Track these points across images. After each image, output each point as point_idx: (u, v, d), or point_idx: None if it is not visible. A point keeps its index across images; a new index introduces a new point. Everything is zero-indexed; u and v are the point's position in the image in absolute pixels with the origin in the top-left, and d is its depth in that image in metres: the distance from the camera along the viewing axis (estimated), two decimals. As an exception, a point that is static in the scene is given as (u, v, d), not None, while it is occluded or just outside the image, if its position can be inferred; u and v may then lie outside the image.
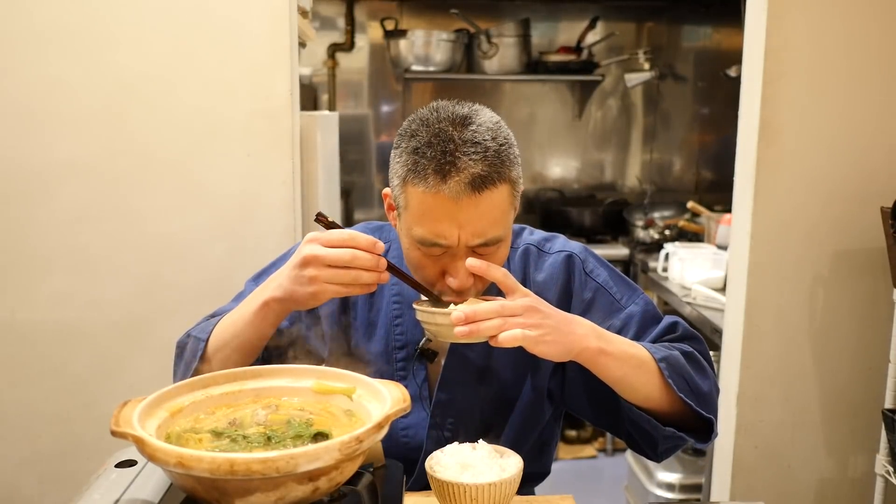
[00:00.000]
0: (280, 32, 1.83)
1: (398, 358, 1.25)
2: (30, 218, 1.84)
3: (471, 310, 0.99)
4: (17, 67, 1.79)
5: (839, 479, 2.09)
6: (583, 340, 1.05)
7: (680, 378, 1.12)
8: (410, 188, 1.08)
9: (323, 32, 3.80)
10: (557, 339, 1.02)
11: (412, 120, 1.12)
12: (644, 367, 1.11)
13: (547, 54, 3.83)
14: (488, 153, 1.06)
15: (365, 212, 4.01)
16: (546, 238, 1.30)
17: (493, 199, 1.07)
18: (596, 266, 1.27)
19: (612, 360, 1.07)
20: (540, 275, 1.26)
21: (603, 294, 1.25)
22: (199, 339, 1.15)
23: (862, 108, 1.94)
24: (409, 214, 1.10)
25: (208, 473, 0.72)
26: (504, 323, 0.99)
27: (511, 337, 0.99)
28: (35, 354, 1.88)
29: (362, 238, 1.03)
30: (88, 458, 1.87)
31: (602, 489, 2.94)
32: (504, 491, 1.01)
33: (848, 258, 1.99)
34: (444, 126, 1.08)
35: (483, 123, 1.09)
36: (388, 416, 0.83)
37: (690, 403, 1.12)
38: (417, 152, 1.07)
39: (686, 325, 1.25)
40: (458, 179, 1.05)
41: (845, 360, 2.04)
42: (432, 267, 1.12)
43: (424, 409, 1.24)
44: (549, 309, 1.04)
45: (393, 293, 1.26)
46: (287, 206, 1.89)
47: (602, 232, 3.91)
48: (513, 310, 1.01)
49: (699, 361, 1.19)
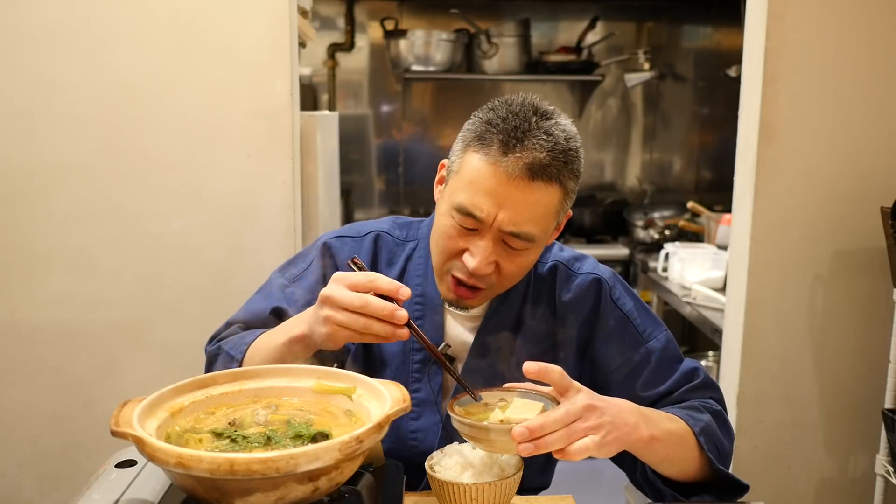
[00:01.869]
0: (280, 32, 1.83)
1: (415, 360, 1.23)
2: (30, 218, 1.84)
3: (536, 424, 0.92)
4: (17, 67, 1.79)
5: (839, 479, 2.09)
6: (636, 431, 1.01)
7: (714, 447, 1.12)
8: (471, 153, 1.08)
9: (323, 32, 3.80)
10: (617, 436, 0.98)
11: (495, 100, 1.13)
12: (683, 442, 1.09)
13: (547, 54, 3.83)
14: (557, 147, 1.06)
15: (365, 212, 4.01)
16: (576, 257, 1.28)
17: (543, 194, 1.07)
18: (623, 294, 1.25)
19: (659, 444, 1.05)
20: (567, 295, 1.24)
21: (627, 325, 1.23)
22: (232, 358, 1.13)
23: (862, 107, 1.94)
24: (458, 178, 1.10)
25: (208, 473, 0.72)
26: (570, 433, 0.93)
27: (583, 448, 0.93)
28: (35, 354, 1.88)
29: (383, 281, 0.99)
30: (88, 458, 1.88)
31: (602, 489, 2.94)
32: (504, 491, 1.01)
33: (848, 258, 1.99)
34: (526, 110, 1.08)
35: (562, 124, 1.10)
36: (388, 416, 0.82)
37: (729, 477, 1.11)
38: (490, 122, 1.08)
39: (705, 372, 1.24)
40: (519, 157, 1.04)
41: (845, 360, 2.04)
42: (458, 240, 1.10)
43: (437, 414, 1.22)
44: (602, 402, 0.99)
45: (415, 294, 1.23)
46: (287, 207, 1.88)
47: (602, 232, 3.91)
48: (576, 414, 0.95)
49: (725, 421, 1.18)
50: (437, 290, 1.22)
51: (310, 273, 1.24)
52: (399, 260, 1.26)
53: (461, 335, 1.23)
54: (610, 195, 4.08)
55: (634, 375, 1.21)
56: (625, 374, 1.21)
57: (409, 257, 1.26)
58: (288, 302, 1.21)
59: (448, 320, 1.24)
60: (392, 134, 3.99)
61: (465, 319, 1.23)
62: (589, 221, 3.92)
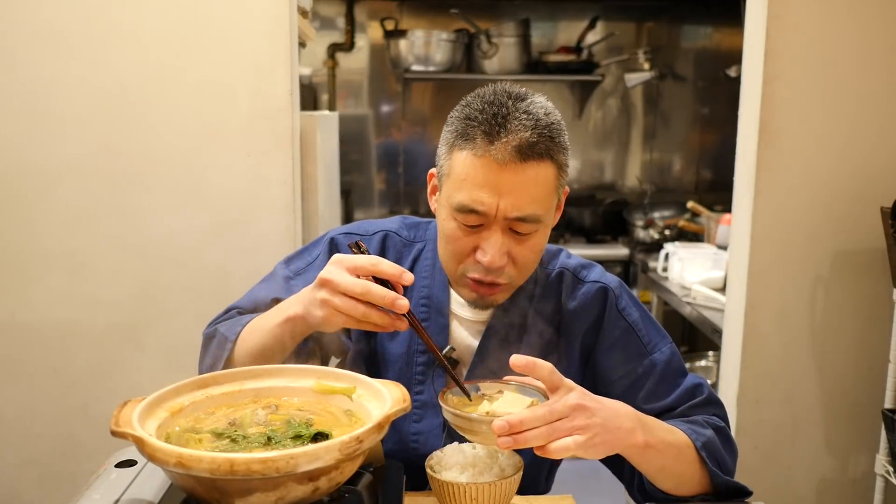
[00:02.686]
0: (280, 32, 1.83)
1: (418, 362, 1.22)
2: (30, 218, 1.84)
3: (516, 420, 0.91)
4: (17, 67, 1.79)
5: (839, 480, 2.09)
6: (629, 437, 0.99)
7: (716, 463, 1.10)
8: (457, 153, 1.08)
9: (323, 32, 3.80)
10: (606, 439, 0.95)
11: (467, 96, 1.12)
12: (683, 455, 1.08)
13: (547, 54, 3.83)
14: (540, 123, 1.06)
15: (365, 212, 4.01)
16: (583, 265, 1.27)
17: (538, 173, 1.06)
18: (629, 304, 1.24)
19: (655, 452, 1.03)
20: (572, 302, 1.23)
21: (631, 335, 1.22)
22: (226, 338, 1.13)
23: (862, 107, 1.94)
24: (452, 181, 1.09)
25: (208, 473, 0.72)
26: (552, 431, 0.92)
27: (562, 447, 0.92)
28: (34, 354, 1.88)
29: (386, 264, 0.98)
30: (88, 458, 1.88)
31: (602, 489, 2.94)
32: (504, 491, 1.00)
33: (848, 258, 1.99)
34: (500, 96, 1.08)
35: (538, 102, 1.09)
36: (388, 416, 0.82)
37: (732, 486, 1.10)
38: (469, 117, 1.07)
39: (709, 388, 1.22)
40: (505, 142, 1.04)
41: (845, 360, 2.04)
42: (465, 240, 1.09)
43: (439, 417, 1.20)
44: (594, 403, 0.96)
45: (421, 296, 1.22)
46: (287, 207, 1.88)
47: (602, 232, 3.91)
48: (560, 412, 0.93)
49: (729, 437, 1.17)
50: (444, 293, 1.21)
51: (315, 268, 1.24)
52: (406, 261, 1.25)
53: (466, 339, 1.22)
54: (610, 195, 4.08)
55: (637, 387, 1.19)
56: (627, 385, 1.20)
57: (416, 258, 1.26)
58: (290, 294, 1.21)
59: (453, 324, 1.23)
60: (392, 134, 3.99)
61: (471, 324, 1.22)
62: (589, 221, 3.92)
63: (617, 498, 2.94)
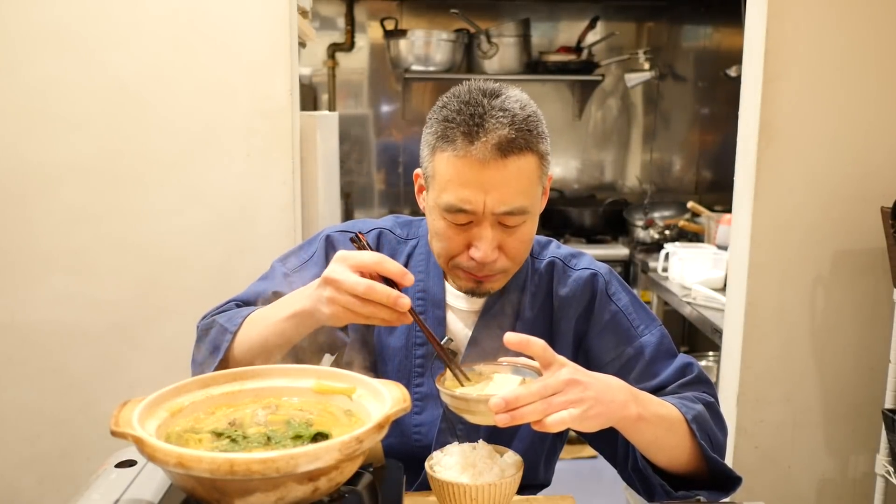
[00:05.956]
0: (280, 32, 1.83)
1: (417, 354, 1.25)
2: (30, 218, 1.84)
3: (512, 396, 0.92)
4: (17, 67, 1.79)
5: (839, 480, 2.09)
6: (622, 409, 1.01)
7: (706, 437, 1.12)
8: (439, 155, 1.10)
9: (323, 32, 3.80)
10: (600, 411, 0.97)
11: (443, 97, 1.15)
12: (674, 428, 1.09)
13: (547, 54, 3.83)
14: (516, 118, 1.08)
15: (365, 212, 4.01)
16: (573, 254, 1.30)
17: (521, 166, 1.08)
18: (619, 290, 1.27)
19: (647, 424, 1.05)
20: (563, 289, 1.26)
21: (621, 318, 1.24)
22: (226, 329, 1.14)
23: (862, 107, 1.94)
24: (437, 182, 1.11)
25: (208, 473, 0.72)
26: (547, 405, 0.93)
27: (559, 420, 0.93)
28: (35, 355, 1.88)
29: (390, 263, 1.00)
30: (88, 459, 1.88)
31: (602, 489, 2.94)
32: (504, 491, 1.01)
33: (848, 258, 1.99)
34: (475, 95, 1.10)
35: (512, 96, 1.12)
36: (388, 416, 0.82)
37: (721, 467, 1.11)
38: (447, 119, 1.10)
39: (699, 367, 1.24)
40: (485, 141, 1.06)
41: (846, 360, 2.04)
42: (457, 238, 1.12)
43: (440, 408, 1.23)
44: (587, 377, 0.98)
45: (418, 290, 1.25)
46: (287, 207, 1.88)
47: (602, 232, 3.91)
48: (554, 387, 0.95)
49: (718, 413, 1.19)
50: (439, 286, 1.24)
51: (311, 265, 1.26)
52: (401, 257, 1.29)
53: (462, 330, 1.25)
54: (610, 195, 4.08)
55: (627, 369, 1.22)
56: (618, 367, 1.22)
57: (410, 254, 1.29)
58: (290, 290, 1.22)
59: (449, 315, 1.25)
60: (392, 134, 3.99)
61: (466, 314, 1.25)
62: (589, 221, 3.92)
63: (617, 498, 2.94)
